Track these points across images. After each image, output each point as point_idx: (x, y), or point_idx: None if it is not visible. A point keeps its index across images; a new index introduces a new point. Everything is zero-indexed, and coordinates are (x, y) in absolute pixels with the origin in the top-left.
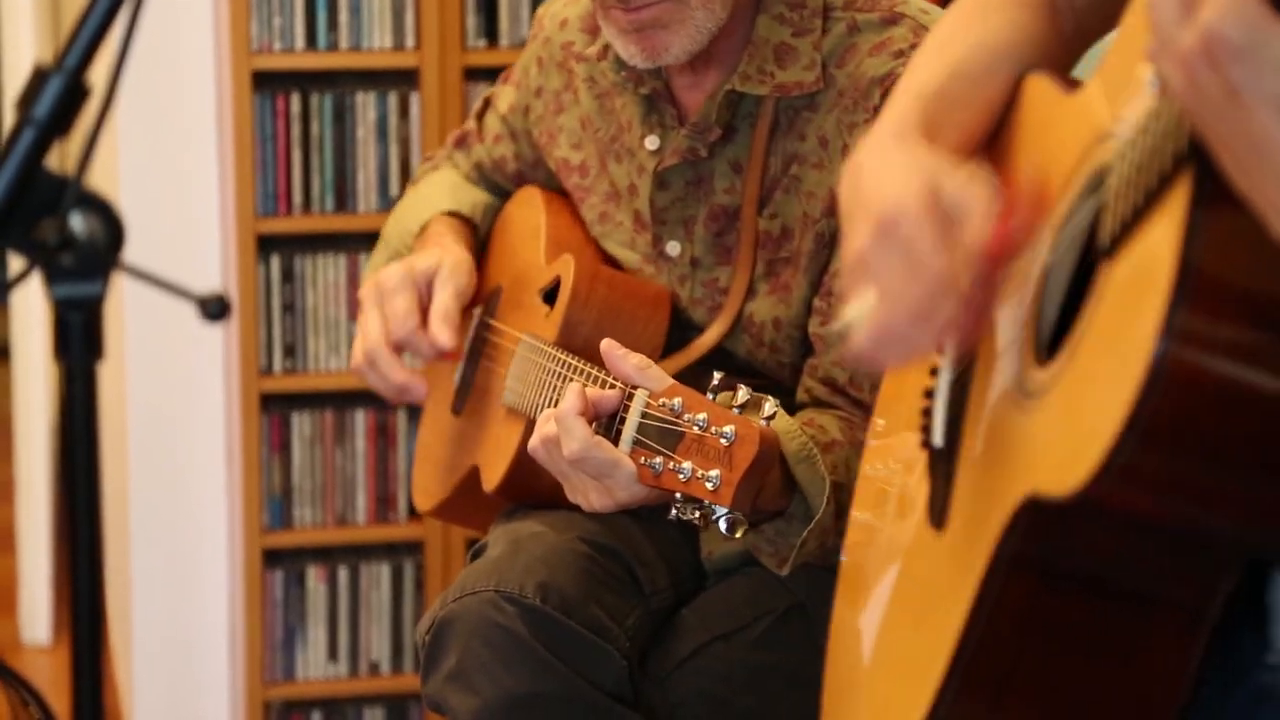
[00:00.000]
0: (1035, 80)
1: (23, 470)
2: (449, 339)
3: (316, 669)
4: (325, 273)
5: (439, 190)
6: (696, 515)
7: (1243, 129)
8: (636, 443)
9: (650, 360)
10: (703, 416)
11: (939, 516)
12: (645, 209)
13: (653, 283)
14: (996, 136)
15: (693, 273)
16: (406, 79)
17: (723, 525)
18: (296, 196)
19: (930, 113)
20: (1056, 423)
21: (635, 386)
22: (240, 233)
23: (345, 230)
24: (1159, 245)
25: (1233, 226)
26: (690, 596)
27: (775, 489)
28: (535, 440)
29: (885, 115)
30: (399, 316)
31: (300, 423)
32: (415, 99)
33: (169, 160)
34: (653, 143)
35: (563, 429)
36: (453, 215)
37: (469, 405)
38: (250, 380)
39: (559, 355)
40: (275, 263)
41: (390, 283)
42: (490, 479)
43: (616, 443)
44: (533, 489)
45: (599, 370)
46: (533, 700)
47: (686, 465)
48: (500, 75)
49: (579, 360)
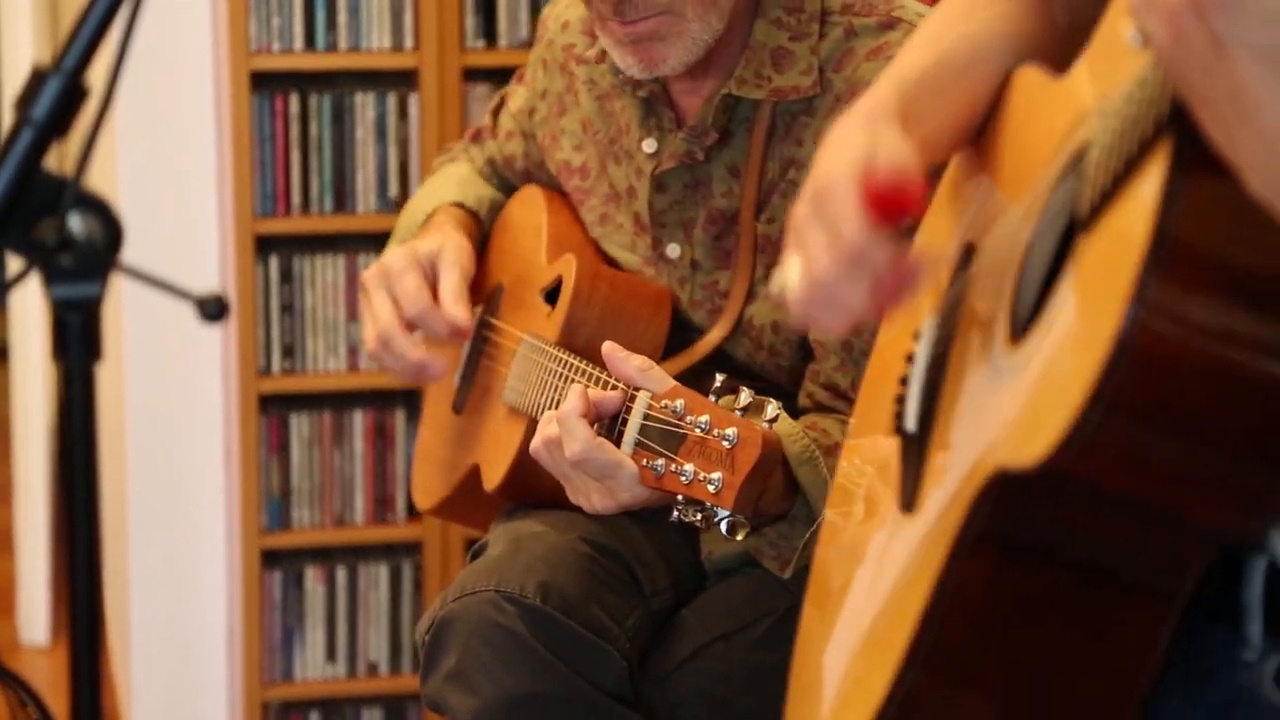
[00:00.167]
0: (1024, 72)
1: (21, 471)
2: (464, 315)
3: (315, 669)
4: (324, 273)
5: (448, 183)
6: (698, 517)
7: (1225, 82)
8: (638, 444)
9: (652, 362)
10: (705, 419)
11: (909, 500)
12: (644, 211)
13: (654, 283)
14: (986, 129)
15: (692, 275)
16: (405, 80)
17: (724, 527)
18: (295, 197)
19: (908, 98)
20: (1024, 395)
21: (637, 388)
22: (239, 233)
23: (344, 231)
24: (1135, 213)
25: (1212, 193)
26: (690, 597)
27: (778, 492)
28: (537, 441)
29: (863, 98)
30: (411, 295)
31: (299, 423)
32: (414, 100)
33: (167, 161)
34: (650, 146)
35: (565, 430)
36: (458, 206)
37: (470, 404)
38: (249, 381)
39: (561, 355)
40: (274, 263)
41: (397, 265)
42: (491, 478)
43: (618, 444)
44: (534, 488)
45: (601, 370)
46: (533, 700)
47: (689, 467)
48: (515, 74)
49: (581, 360)
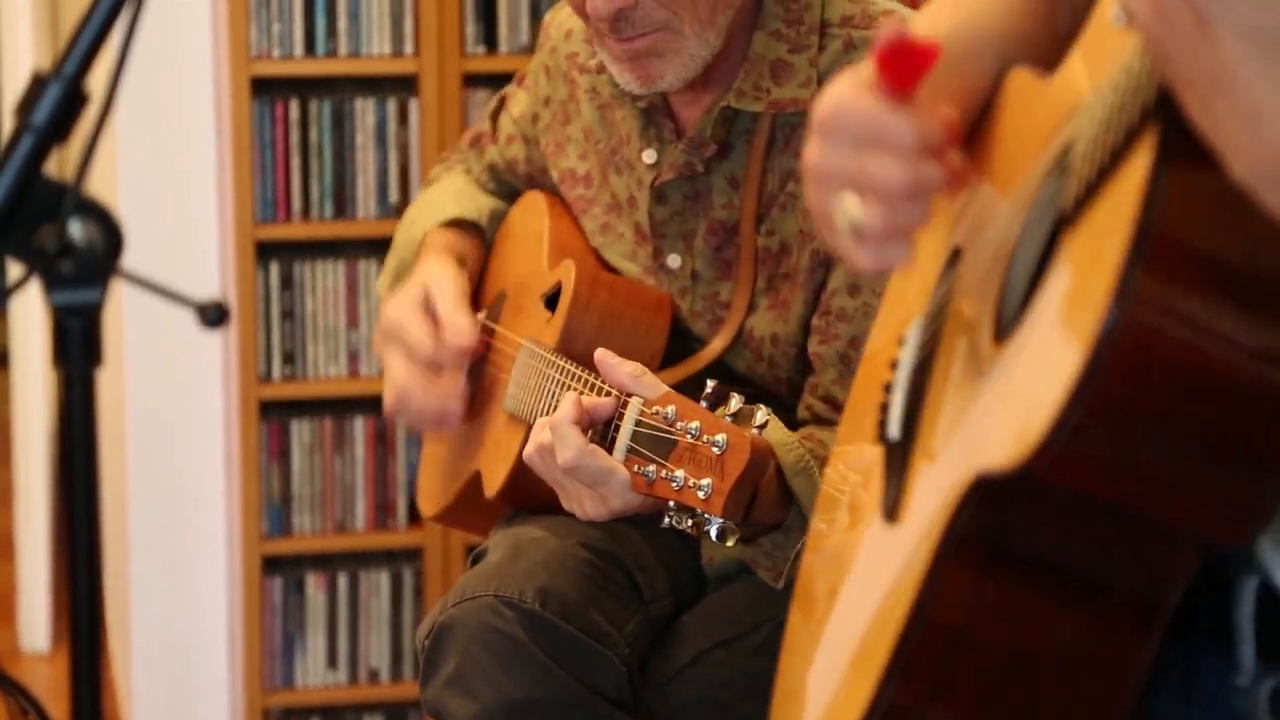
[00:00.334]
0: (1016, 74)
1: (21, 477)
2: (466, 336)
3: (316, 676)
4: (324, 279)
5: (444, 196)
6: (689, 524)
7: (1209, 61)
8: (630, 450)
9: (644, 368)
10: (695, 424)
11: (892, 509)
12: (645, 222)
13: (653, 289)
14: (977, 133)
15: (693, 286)
16: (405, 85)
17: (714, 533)
18: (295, 203)
19: None
20: (1006, 396)
21: (630, 394)
22: (239, 239)
23: (344, 237)
24: (1118, 206)
25: (1197, 184)
26: (690, 603)
27: (772, 501)
28: (530, 448)
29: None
30: (417, 339)
31: (299, 429)
32: (414, 105)
33: (168, 167)
34: (650, 156)
35: (557, 437)
36: (457, 223)
37: (473, 410)
38: (249, 387)
39: (558, 361)
40: (274, 269)
41: (395, 317)
42: (491, 485)
43: (611, 450)
44: (533, 495)
45: (599, 377)
46: (532, 706)
47: (679, 473)
48: (515, 77)
49: (578, 367)
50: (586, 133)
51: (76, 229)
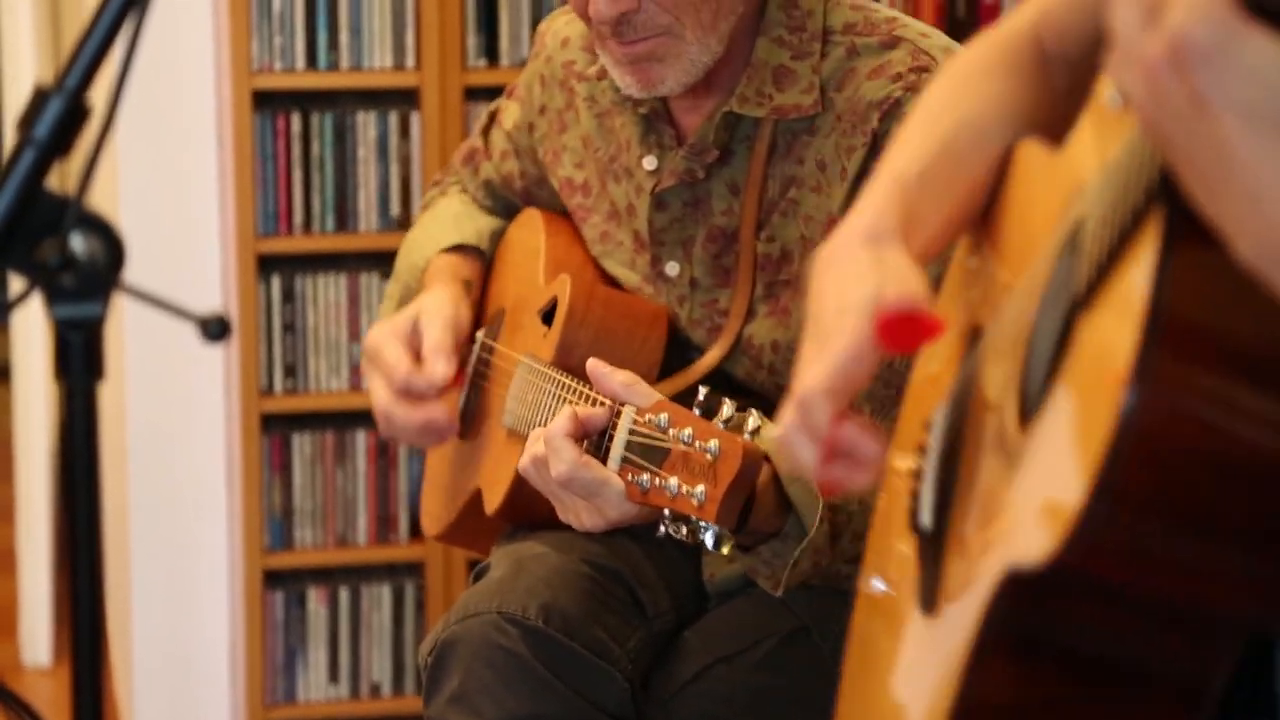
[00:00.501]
0: (1024, 146)
1: (23, 491)
2: (444, 369)
3: (317, 691)
4: (326, 292)
5: (443, 222)
6: (684, 531)
7: (1208, 141)
8: (624, 460)
9: (636, 376)
10: (688, 432)
11: (929, 601)
12: (644, 229)
13: (650, 301)
14: (990, 208)
15: (692, 294)
16: (407, 98)
17: (709, 541)
18: (297, 216)
19: (911, 203)
20: (1031, 488)
21: (623, 403)
22: (241, 252)
23: (346, 250)
24: (1131, 287)
25: (1206, 264)
26: (693, 618)
27: (770, 509)
28: (525, 460)
29: (864, 202)
30: (391, 366)
31: (301, 443)
32: (416, 118)
33: (169, 180)
34: (650, 163)
35: (551, 450)
36: (457, 248)
37: (473, 428)
38: (251, 400)
39: (555, 375)
40: (276, 282)
41: (375, 343)
42: (491, 502)
43: (605, 460)
44: (534, 511)
45: (594, 390)
46: None
47: (673, 481)
48: (505, 90)
49: (574, 380)
50: (584, 141)
51: (78, 243)
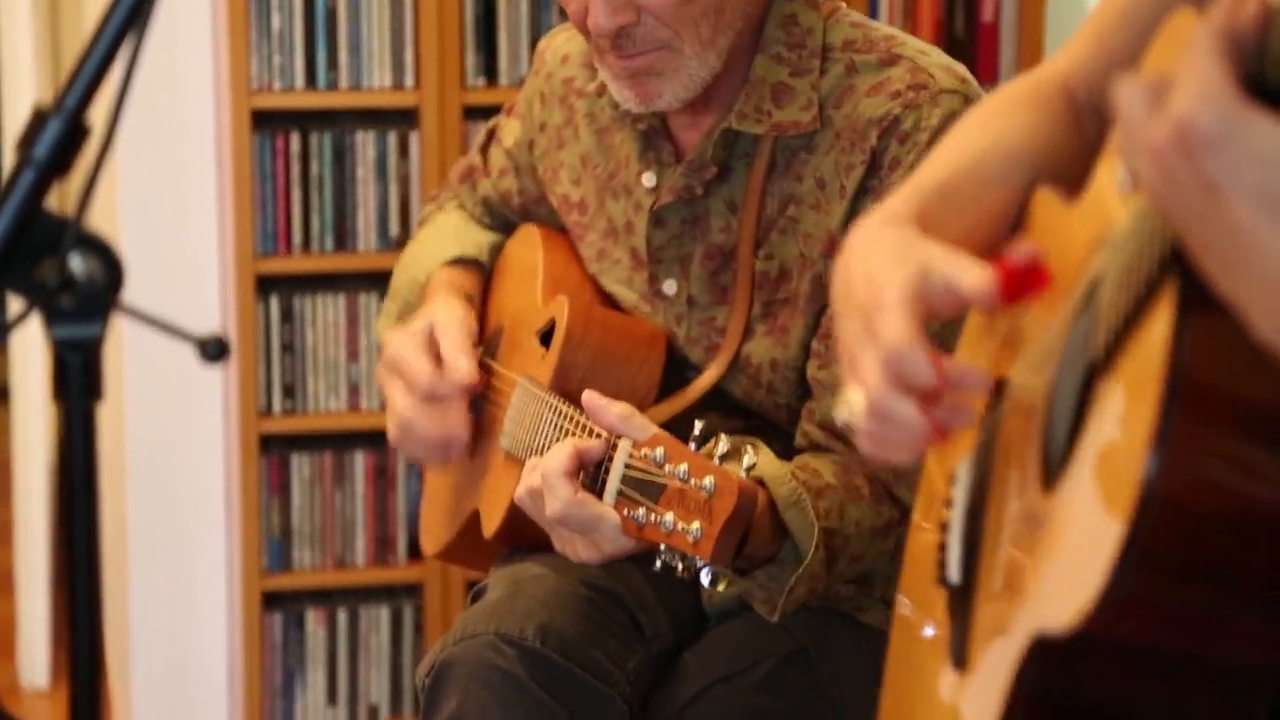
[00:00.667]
0: (1042, 196)
1: (21, 512)
2: (467, 367)
3: (316, 713)
4: (325, 313)
5: (442, 236)
6: (680, 566)
7: (1222, 225)
8: (620, 494)
9: (633, 408)
10: (684, 468)
11: (960, 658)
12: (642, 247)
13: (648, 323)
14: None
15: (689, 312)
16: (406, 118)
17: (705, 579)
18: (296, 236)
19: (927, 204)
20: (1056, 553)
21: (619, 435)
22: (239, 272)
23: (345, 270)
24: (1149, 354)
25: (1221, 331)
26: (691, 640)
27: (766, 535)
28: (521, 490)
29: (882, 204)
30: (415, 372)
31: (299, 464)
32: (415, 138)
33: (168, 200)
34: (649, 180)
35: (547, 487)
36: (457, 262)
37: (472, 448)
38: (249, 421)
39: (552, 400)
40: (274, 303)
41: (395, 351)
42: (489, 524)
43: (601, 492)
44: (531, 535)
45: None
46: None
47: (668, 517)
48: (504, 107)
49: (571, 406)
50: (583, 158)
51: (77, 263)
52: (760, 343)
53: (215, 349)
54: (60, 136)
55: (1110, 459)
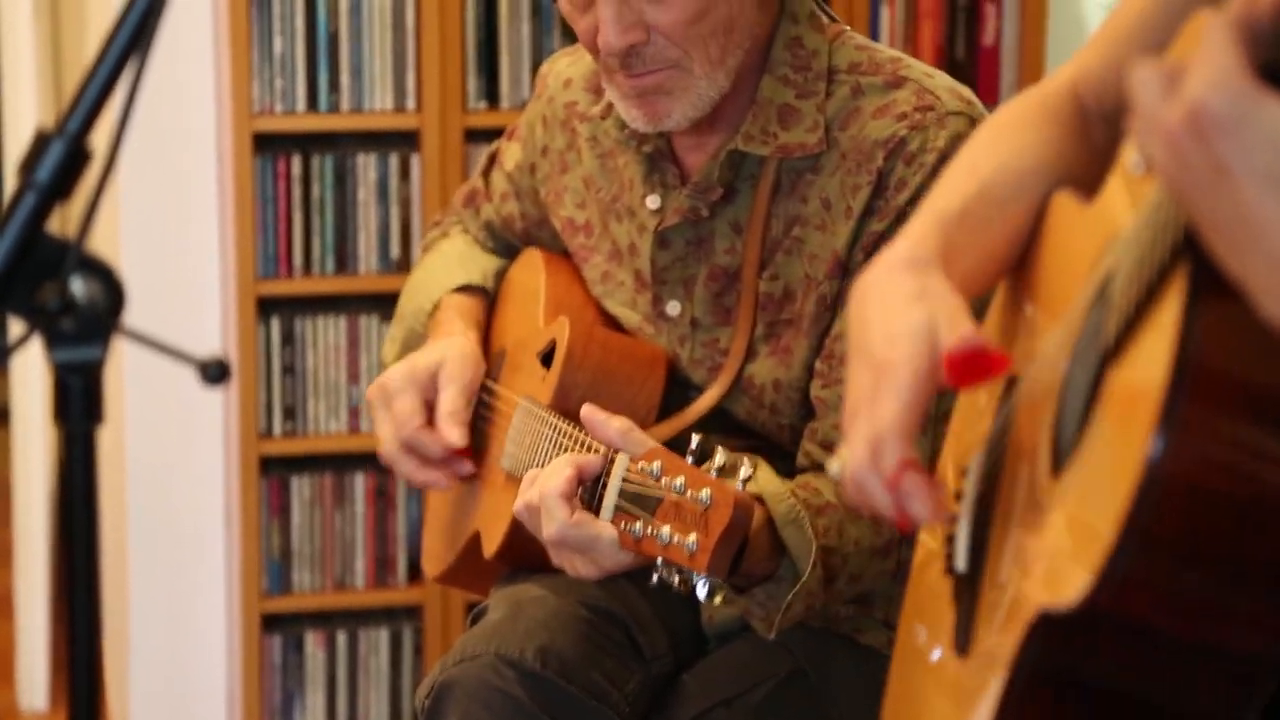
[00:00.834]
0: (1058, 199)
1: (21, 535)
2: (459, 437)
3: None
4: (326, 335)
5: (448, 263)
6: (677, 580)
7: (1232, 207)
8: (618, 508)
9: (631, 423)
10: (680, 481)
11: (963, 642)
12: (646, 268)
13: (648, 344)
14: (1026, 258)
15: (693, 333)
16: (407, 141)
17: (701, 591)
18: (297, 258)
19: (950, 236)
20: (1061, 532)
21: (617, 450)
22: (240, 295)
23: (346, 292)
24: (1157, 340)
25: (1231, 317)
26: (691, 661)
27: (764, 552)
28: (519, 504)
29: (904, 235)
30: (404, 418)
31: (300, 485)
32: (416, 160)
33: (170, 223)
34: (654, 202)
35: (544, 509)
36: (464, 289)
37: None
38: (250, 443)
39: (552, 419)
40: (275, 325)
41: (394, 384)
42: (489, 545)
43: (599, 506)
44: (531, 554)
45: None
46: None
47: (665, 530)
48: (506, 131)
49: (571, 425)
50: (586, 181)
51: (78, 286)
52: (764, 363)
53: (216, 371)
54: (62, 160)
55: (1117, 440)
